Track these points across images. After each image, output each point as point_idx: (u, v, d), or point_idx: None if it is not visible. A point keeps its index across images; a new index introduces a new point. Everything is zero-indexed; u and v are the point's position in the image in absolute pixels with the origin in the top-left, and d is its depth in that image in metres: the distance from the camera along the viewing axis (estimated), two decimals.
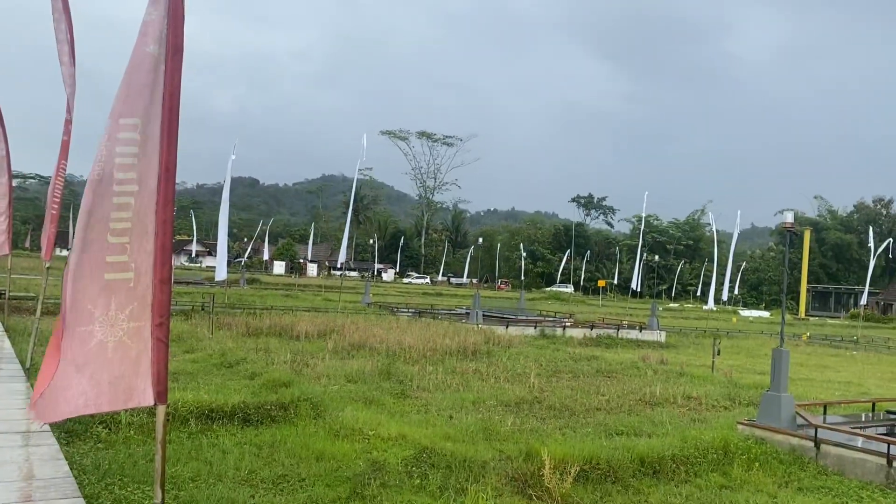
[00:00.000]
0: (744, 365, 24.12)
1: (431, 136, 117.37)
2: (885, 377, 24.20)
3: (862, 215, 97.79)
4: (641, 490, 8.55)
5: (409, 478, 7.96)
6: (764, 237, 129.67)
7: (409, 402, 12.66)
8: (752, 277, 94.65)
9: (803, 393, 17.25)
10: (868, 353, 35.20)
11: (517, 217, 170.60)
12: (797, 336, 43.13)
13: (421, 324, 25.22)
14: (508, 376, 16.33)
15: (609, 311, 52.42)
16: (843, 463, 10.02)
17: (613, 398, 14.36)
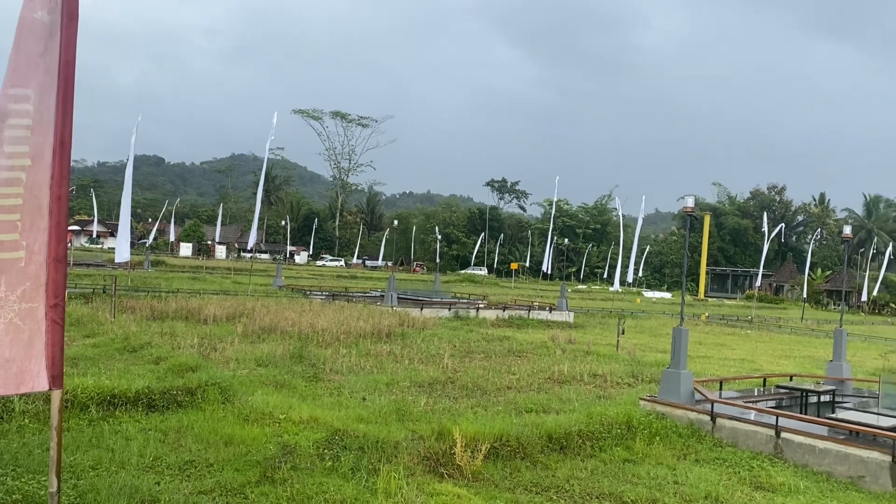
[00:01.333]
0: (647, 344, 25.10)
1: (346, 117, 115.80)
2: (775, 354, 25.71)
3: (757, 201, 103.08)
4: (549, 465, 8.81)
5: (321, 460, 7.92)
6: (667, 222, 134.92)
7: (321, 385, 12.56)
8: (655, 260, 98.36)
9: (702, 370, 18.13)
10: (761, 332, 37.30)
11: (433, 200, 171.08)
12: (697, 316, 45.22)
13: (335, 307, 25.00)
14: (422, 358, 16.43)
15: (521, 293, 53.42)
16: (737, 435, 10.62)
17: (524, 377, 14.69)
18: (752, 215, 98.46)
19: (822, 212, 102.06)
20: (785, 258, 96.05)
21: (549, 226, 51.76)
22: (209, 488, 6.96)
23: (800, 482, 8.87)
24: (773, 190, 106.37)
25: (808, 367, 20.97)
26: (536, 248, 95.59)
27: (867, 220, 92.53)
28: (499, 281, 76.35)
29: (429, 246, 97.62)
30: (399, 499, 6.94)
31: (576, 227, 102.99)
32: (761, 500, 8.07)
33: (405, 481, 7.39)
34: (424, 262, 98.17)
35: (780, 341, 32.19)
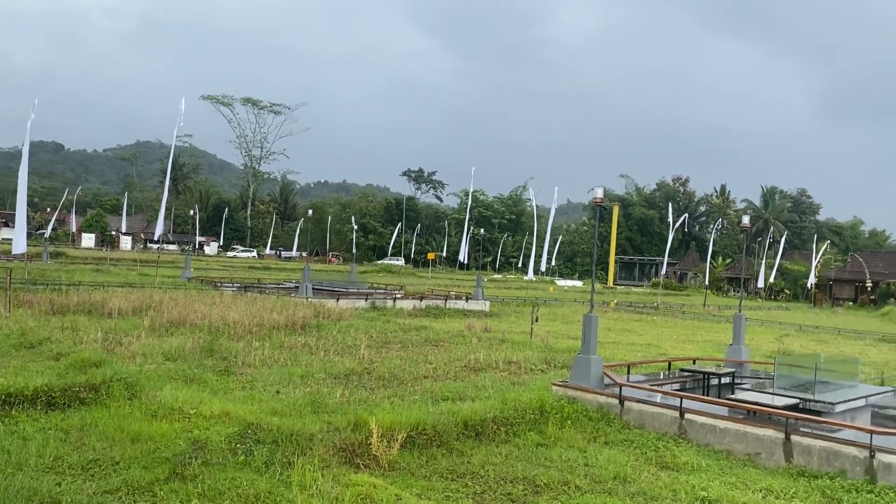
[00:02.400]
0: (559, 331, 25.72)
1: (257, 104, 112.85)
2: (680, 339, 26.84)
3: (663, 193, 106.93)
4: (465, 452, 8.92)
5: (234, 455, 7.75)
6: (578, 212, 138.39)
7: (233, 378, 12.28)
8: (567, 250, 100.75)
9: (611, 355, 18.73)
10: (666, 318, 38.84)
11: (349, 190, 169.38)
12: (606, 303, 46.63)
13: (247, 299, 24.44)
14: (338, 349, 16.30)
15: (438, 283, 53.70)
16: (644, 417, 11.04)
17: (440, 366, 14.80)
18: (658, 206, 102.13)
19: (723, 203, 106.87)
20: (688, 247, 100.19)
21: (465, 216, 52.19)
22: (115, 487, 6.71)
23: (702, 461, 9.31)
24: (677, 182, 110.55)
25: (709, 350, 22.00)
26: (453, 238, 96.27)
27: (764, 210, 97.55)
28: (416, 271, 76.52)
29: (345, 236, 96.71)
30: (314, 491, 6.88)
31: (492, 217, 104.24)
32: (666, 479, 8.42)
33: (320, 473, 7.33)
34: (340, 253, 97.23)
35: (683, 326, 33.62)
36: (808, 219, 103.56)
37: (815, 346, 27.11)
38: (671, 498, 7.71)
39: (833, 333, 35.19)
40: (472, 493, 7.53)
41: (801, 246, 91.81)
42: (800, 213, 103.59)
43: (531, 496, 7.52)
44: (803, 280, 72.73)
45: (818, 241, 78.53)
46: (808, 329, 36.83)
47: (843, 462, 8.99)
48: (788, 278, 76.16)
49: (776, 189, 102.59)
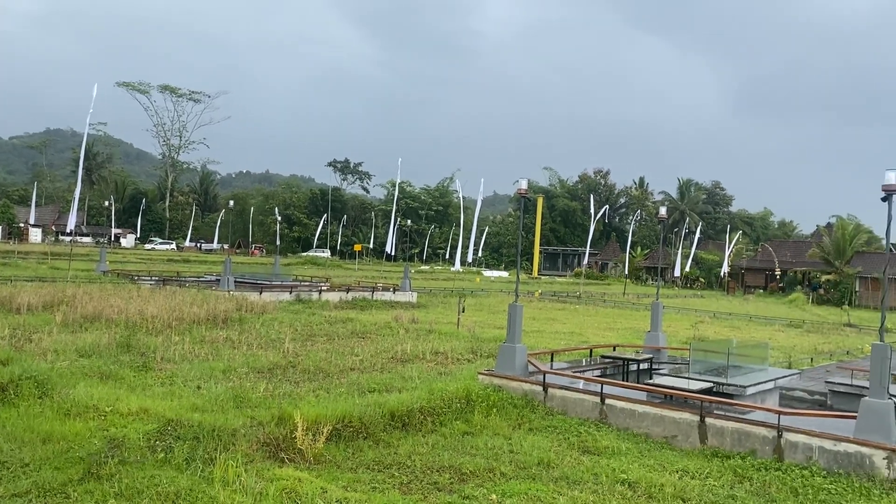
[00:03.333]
0: (486, 321, 26.00)
1: (176, 91, 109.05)
2: (601, 327, 27.55)
3: (585, 185, 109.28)
4: (391, 443, 8.93)
5: (152, 452, 7.53)
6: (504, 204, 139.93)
7: (152, 374, 11.91)
8: (494, 241, 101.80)
9: (535, 343, 19.06)
10: (588, 307, 39.78)
11: (272, 180, 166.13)
12: (531, 293, 47.39)
13: (165, 292, 23.69)
14: (262, 342, 16.02)
15: (365, 275, 53.41)
16: (567, 403, 11.29)
17: (367, 358, 14.75)
18: (580, 198, 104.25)
19: (641, 194, 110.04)
20: (609, 238, 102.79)
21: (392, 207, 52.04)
22: (25, 490, 6.42)
23: (622, 444, 9.61)
24: (598, 174, 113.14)
25: (629, 337, 22.67)
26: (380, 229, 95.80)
27: (681, 202, 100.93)
28: (342, 263, 75.81)
29: (268, 228, 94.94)
30: (237, 487, 6.76)
31: (419, 208, 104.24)
32: (588, 463, 8.65)
33: (243, 469, 7.20)
34: (264, 245, 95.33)
35: (605, 314, 34.51)
36: (721, 210, 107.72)
37: (728, 331, 28.30)
38: (593, 481, 7.92)
39: (745, 320, 36.81)
40: (398, 484, 7.54)
41: (715, 236, 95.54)
42: (714, 204, 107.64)
43: (457, 484, 7.60)
44: (717, 269, 75.73)
45: (731, 231, 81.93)
46: (722, 316, 38.41)
47: (754, 442, 9.43)
48: (703, 267, 79.12)
49: (692, 181, 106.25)
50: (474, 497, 7.16)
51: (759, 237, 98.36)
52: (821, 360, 20.73)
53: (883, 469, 8.50)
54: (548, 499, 7.23)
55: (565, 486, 7.70)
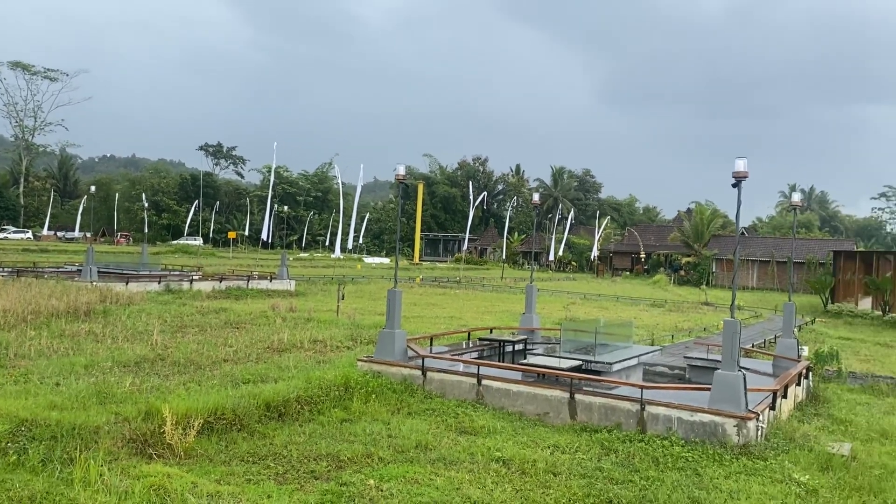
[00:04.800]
0: (366, 307, 25.91)
1: (28, 68, 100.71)
2: (480, 310, 28.13)
3: (464, 172, 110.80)
4: (267, 434, 8.74)
5: (4, 455, 7.00)
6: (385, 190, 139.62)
7: (4, 372, 11.04)
8: (374, 227, 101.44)
9: (415, 328, 19.21)
10: (468, 291, 40.50)
11: (138, 165, 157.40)
12: (412, 279, 47.68)
13: (20, 284, 21.98)
14: (128, 335, 15.23)
15: (240, 263, 51.83)
16: (445, 386, 11.47)
17: (241, 348, 14.34)
18: (459, 184, 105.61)
19: (518, 181, 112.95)
20: (488, 224, 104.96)
21: (268, 193, 50.60)
22: None
23: (497, 423, 9.87)
24: (477, 161, 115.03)
25: (506, 320, 23.29)
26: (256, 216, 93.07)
27: (554, 189, 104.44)
28: (216, 251, 73.12)
29: (135, 215, 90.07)
30: (100, 486, 6.40)
31: (296, 194, 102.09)
32: (465, 443, 8.83)
33: (107, 467, 6.84)
34: (130, 233, 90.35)
35: (483, 298, 35.26)
36: (591, 197, 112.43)
37: (597, 312, 29.66)
38: (469, 461, 8.09)
39: (613, 300, 38.71)
40: (273, 474, 7.41)
41: (586, 221, 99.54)
42: (585, 191, 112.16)
43: (335, 471, 7.55)
44: (588, 253, 79.04)
45: (600, 217, 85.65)
46: (592, 297, 40.21)
47: (619, 416, 9.96)
48: (575, 251, 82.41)
49: (564, 169, 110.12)
50: (352, 483, 7.14)
51: (625, 222, 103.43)
52: (681, 336, 22.16)
53: (734, 436, 9.20)
54: (425, 480, 7.33)
55: (442, 467, 7.83)
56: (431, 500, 6.78)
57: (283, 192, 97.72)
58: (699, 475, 8.01)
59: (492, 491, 7.12)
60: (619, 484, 7.57)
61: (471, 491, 7.07)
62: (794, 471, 8.29)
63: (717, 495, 7.34)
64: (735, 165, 9.83)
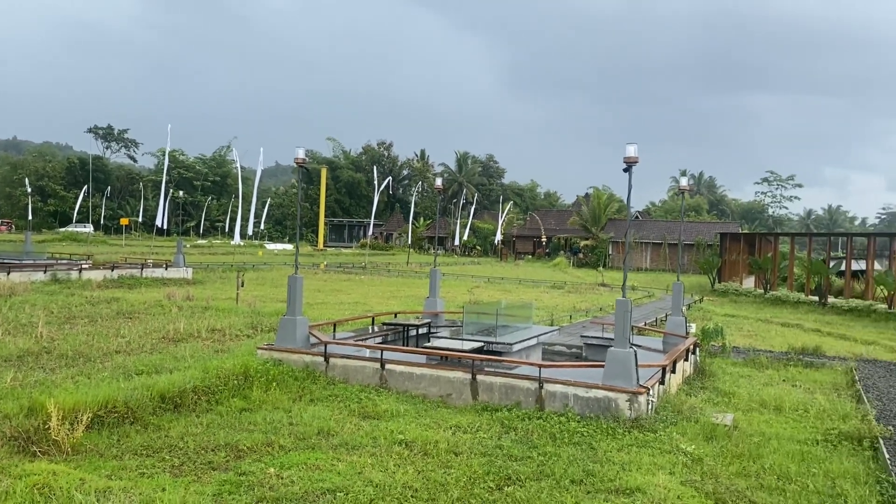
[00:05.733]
0: (268, 294, 25.42)
1: None
2: (385, 295, 28.13)
3: (369, 156, 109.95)
4: (162, 426, 8.46)
5: None
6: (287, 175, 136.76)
7: None
8: (277, 213, 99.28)
9: (319, 315, 19.02)
10: (373, 277, 40.36)
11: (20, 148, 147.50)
12: (316, 265, 47.06)
13: None
14: (10, 328, 14.37)
15: (133, 251, 49.67)
16: (348, 372, 11.42)
17: (135, 339, 13.80)
18: (364, 169, 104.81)
19: (423, 166, 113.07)
20: (393, 209, 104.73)
21: (163, 178, 48.56)
22: None
23: (401, 407, 9.92)
24: (382, 146, 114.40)
25: (411, 304, 23.39)
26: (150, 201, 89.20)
27: (459, 174, 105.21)
28: (107, 238, 69.69)
29: (17, 201, 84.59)
30: None
31: (193, 179, 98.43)
32: (368, 427, 8.84)
33: None
34: (12, 220, 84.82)
35: (389, 284, 35.24)
36: (495, 182, 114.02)
37: (500, 295, 30.22)
38: (371, 445, 8.11)
39: (515, 283, 39.52)
40: (169, 467, 7.18)
41: (489, 206, 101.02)
42: (489, 176, 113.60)
43: (233, 461, 7.40)
44: (492, 237, 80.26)
45: (503, 202, 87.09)
46: (496, 280, 40.90)
47: (519, 395, 10.21)
48: (480, 236, 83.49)
49: (468, 154, 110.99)
50: (251, 472, 7.02)
51: (528, 207, 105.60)
52: (579, 317, 22.90)
53: (626, 410, 9.62)
54: (327, 466, 7.29)
55: (345, 452, 7.81)
56: (333, 485, 6.76)
57: (180, 177, 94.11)
58: (594, 449, 8.34)
59: (394, 473, 7.17)
60: (518, 460, 7.78)
61: (373, 474, 7.10)
62: (682, 441, 8.76)
63: (610, 467, 7.66)
64: (626, 151, 10.20)
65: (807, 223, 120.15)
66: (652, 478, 7.29)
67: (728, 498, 6.97)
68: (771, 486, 7.45)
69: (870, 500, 7.11)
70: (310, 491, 6.61)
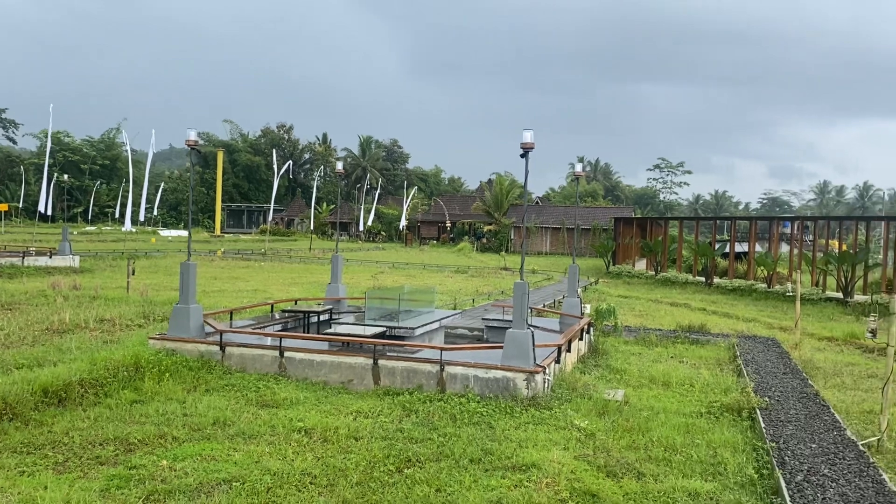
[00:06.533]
0: (161, 283, 24.48)
1: None
2: (286, 282, 27.62)
3: (268, 139, 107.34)
4: (45, 421, 8.03)
5: None
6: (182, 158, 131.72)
7: None
8: (171, 198, 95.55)
9: (216, 303, 18.50)
10: (274, 263, 39.56)
11: None
12: (213, 252, 45.66)
13: None
14: None
15: (14, 238, 46.64)
16: (246, 360, 11.17)
17: (14, 331, 13.02)
18: (263, 153, 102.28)
19: (325, 150, 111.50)
20: (295, 194, 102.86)
21: (46, 161, 45.74)
22: None
23: (301, 394, 9.81)
24: (282, 129, 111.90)
25: (314, 291, 23.11)
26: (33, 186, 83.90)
27: (362, 158, 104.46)
28: None
29: None
30: None
31: (80, 162, 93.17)
32: (266, 416, 8.69)
33: None
34: None
35: (290, 270, 34.64)
36: (399, 167, 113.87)
37: (404, 280, 30.27)
38: (269, 433, 7.98)
39: (420, 268, 39.68)
40: (52, 464, 6.83)
41: (394, 192, 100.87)
42: (393, 161, 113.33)
43: (123, 455, 7.11)
44: (397, 222, 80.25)
45: (408, 187, 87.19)
46: (400, 266, 40.94)
47: (421, 378, 10.29)
48: (384, 221, 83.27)
49: (372, 139, 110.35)
50: (142, 466, 6.78)
51: (432, 192, 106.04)
52: (481, 300, 23.27)
53: (523, 389, 9.87)
54: (223, 456, 7.13)
55: (241, 442, 7.66)
56: (229, 475, 6.62)
57: (65, 160, 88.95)
58: (492, 428, 8.52)
59: (292, 461, 7.09)
60: (419, 443, 7.85)
61: (271, 463, 6.99)
62: (576, 417, 9.07)
63: (508, 445, 7.85)
64: (522, 137, 10.40)
65: (695, 208, 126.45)
66: (547, 454, 7.52)
67: (618, 470, 7.29)
68: (658, 457, 7.83)
69: (746, 467, 7.59)
70: (204, 482, 6.45)
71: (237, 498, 6.16)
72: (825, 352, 16.23)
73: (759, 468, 7.58)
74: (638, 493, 6.69)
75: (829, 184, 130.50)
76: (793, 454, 7.92)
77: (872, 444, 8.65)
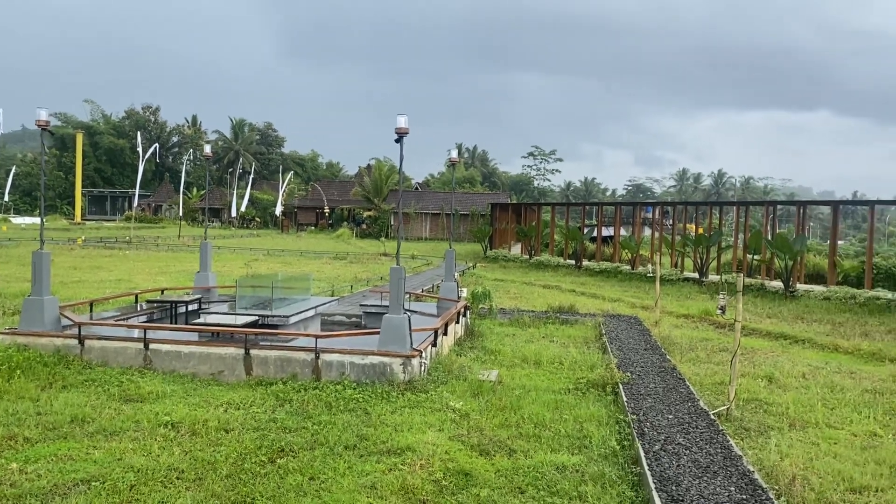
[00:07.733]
0: (13, 274, 22.74)
1: None
2: (153, 271, 26.34)
3: (133, 121, 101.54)
4: None
5: None
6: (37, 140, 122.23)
7: None
8: (24, 183, 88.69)
9: (75, 294, 17.40)
10: (140, 252, 37.61)
11: None
12: (73, 240, 42.84)
13: None
14: None
15: None
16: (107, 354, 10.58)
17: None
18: (128, 135, 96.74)
19: (195, 133, 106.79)
20: (162, 178, 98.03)
21: None
22: None
23: (167, 387, 9.41)
24: (147, 111, 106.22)
25: (183, 280, 22.17)
26: None
27: (235, 142, 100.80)
28: None
29: None
30: None
31: None
32: (129, 411, 8.28)
33: None
34: None
35: (158, 259, 33.06)
36: (274, 151, 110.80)
37: (280, 267, 29.63)
38: (133, 429, 7.62)
39: (296, 255, 38.95)
40: None
41: (269, 177, 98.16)
42: (267, 145, 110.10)
43: None
44: (272, 208, 78.27)
45: (284, 172, 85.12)
46: (276, 253, 40.01)
47: (295, 366, 10.12)
48: (259, 207, 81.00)
49: (245, 122, 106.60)
50: None
51: (309, 177, 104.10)
52: (359, 286, 23.17)
53: (400, 374, 9.93)
54: (81, 455, 6.74)
55: (102, 439, 7.26)
56: (88, 474, 6.26)
57: None
58: (368, 414, 8.52)
59: (158, 457, 6.80)
60: (293, 432, 7.74)
61: (134, 459, 6.68)
62: (451, 399, 9.24)
63: (384, 430, 7.89)
64: (397, 122, 10.40)
65: (566, 194, 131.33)
66: (422, 436, 7.62)
67: (491, 448, 7.49)
68: (529, 433, 8.11)
69: (610, 439, 8.01)
70: (60, 483, 6.08)
71: (96, 498, 5.84)
72: (682, 328, 17.35)
73: (621, 440, 8.01)
74: (509, 469, 6.91)
75: (688, 171, 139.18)
76: (651, 425, 8.43)
77: (722, 413, 9.35)
